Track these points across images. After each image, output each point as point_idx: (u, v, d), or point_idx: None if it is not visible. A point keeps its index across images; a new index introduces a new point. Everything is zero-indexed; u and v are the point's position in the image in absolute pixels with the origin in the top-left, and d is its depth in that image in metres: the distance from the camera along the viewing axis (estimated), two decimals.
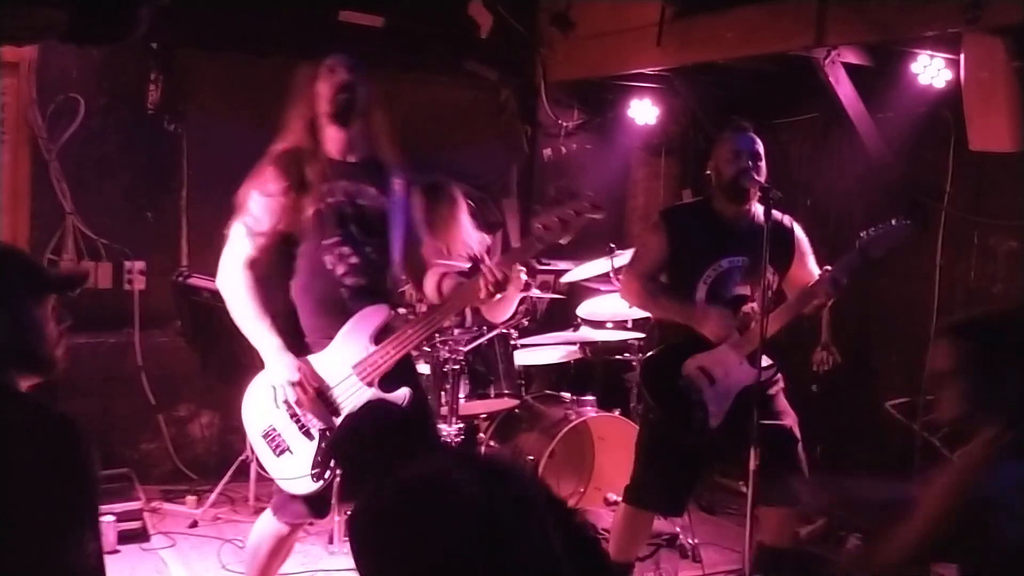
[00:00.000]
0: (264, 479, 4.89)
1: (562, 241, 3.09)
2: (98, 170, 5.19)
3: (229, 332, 4.67)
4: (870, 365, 5.24)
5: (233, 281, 3.12)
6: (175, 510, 4.97)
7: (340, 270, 3.14)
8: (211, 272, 4.95)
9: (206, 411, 5.54)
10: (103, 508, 4.38)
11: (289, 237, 3.13)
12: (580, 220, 3.05)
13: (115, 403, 5.23)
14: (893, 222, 3.65)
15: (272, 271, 3.18)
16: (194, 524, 4.82)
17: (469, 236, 4.96)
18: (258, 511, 4.87)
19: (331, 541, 4.55)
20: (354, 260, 3.14)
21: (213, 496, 4.97)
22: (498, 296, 3.09)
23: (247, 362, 4.67)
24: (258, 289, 3.12)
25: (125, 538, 4.47)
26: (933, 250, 4.85)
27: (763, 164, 3.66)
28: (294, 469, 3.10)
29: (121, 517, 4.46)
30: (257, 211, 3.10)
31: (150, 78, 5.22)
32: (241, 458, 5.00)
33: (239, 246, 3.13)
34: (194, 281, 4.92)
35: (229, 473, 4.99)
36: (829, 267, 3.67)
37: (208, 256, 5.38)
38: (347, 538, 4.54)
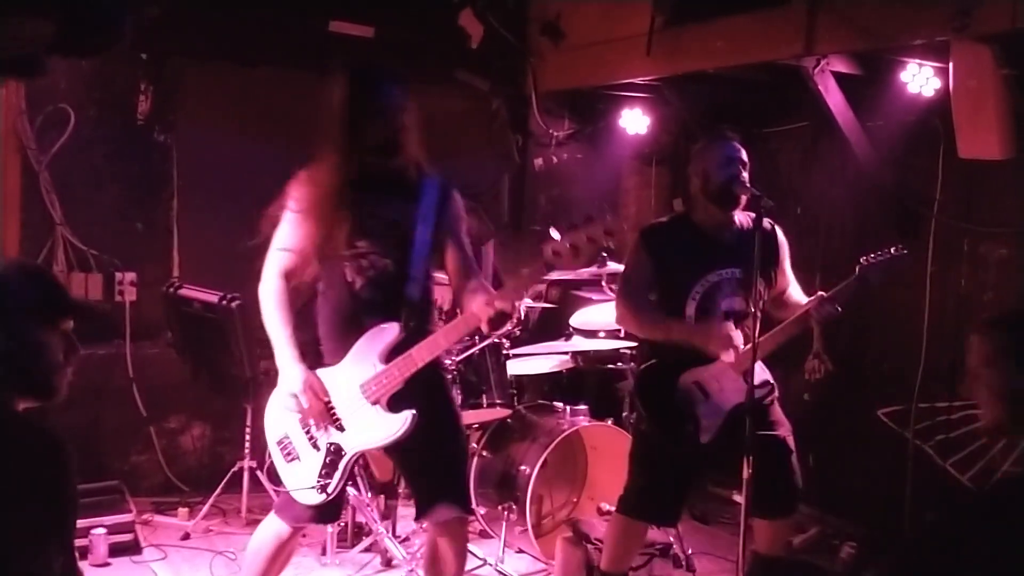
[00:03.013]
0: (257, 491, 4.89)
1: (573, 270, 3.02)
2: (88, 181, 5.18)
3: (220, 343, 4.70)
4: (862, 373, 5.24)
5: (266, 288, 3.19)
6: (166, 522, 4.95)
7: (358, 283, 3.14)
8: (202, 283, 5.00)
9: (197, 423, 5.52)
10: (94, 520, 4.37)
11: (315, 253, 3.18)
12: (593, 248, 2.86)
13: (106, 415, 5.21)
14: (892, 251, 3.61)
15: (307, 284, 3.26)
16: (186, 536, 4.80)
17: None
18: (250, 523, 4.87)
19: (324, 552, 4.53)
20: (372, 273, 3.13)
21: (205, 508, 4.95)
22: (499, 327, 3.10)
23: (237, 373, 4.69)
24: (287, 298, 3.18)
25: (116, 551, 4.44)
26: (924, 258, 4.85)
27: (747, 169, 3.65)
28: (301, 479, 3.14)
29: (112, 530, 4.44)
30: (287, 228, 3.18)
31: (140, 88, 5.22)
32: (233, 470, 4.98)
33: (275, 256, 3.20)
34: (185, 292, 4.90)
35: (221, 485, 4.97)
36: (823, 292, 3.63)
37: (199, 267, 5.42)
38: (339, 549, 4.54)
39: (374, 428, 3.10)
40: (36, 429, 1.98)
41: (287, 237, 3.18)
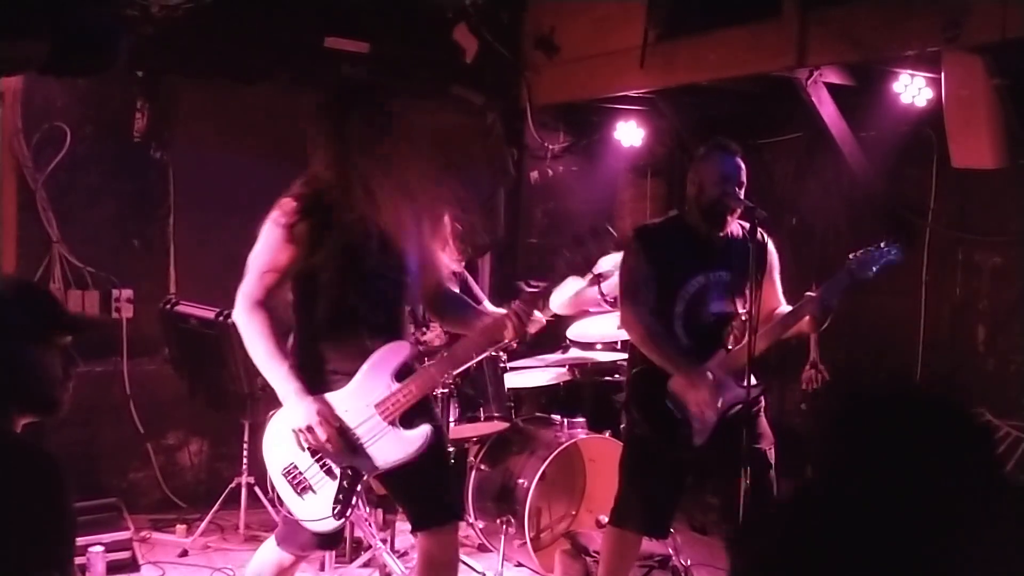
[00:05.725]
0: (255, 507, 4.88)
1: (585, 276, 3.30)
2: (85, 199, 5.19)
3: (217, 359, 4.70)
4: (859, 383, 5.24)
5: (249, 320, 3.01)
6: (164, 539, 4.94)
7: (358, 302, 3.06)
8: (199, 299, 5.01)
9: (195, 439, 5.52)
10: (92, 538, 4.34)
11: (305, 272, 3.05)
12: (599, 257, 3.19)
13: (103, 432, 5.20)
14: (883, 245, 3.61)
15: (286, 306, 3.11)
16: (184, 553, 4.79)
17: (452, 256, 4.96)
18: (248, 539, 4.86)
19: (322, 568, 4.52)
20: (373, 293, 3.08)
21: (203, 525, 4.93)
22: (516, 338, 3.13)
23: (235, 389, 4.69)
24: (274, 327, 3.01)
25: (114, 568, 4.42)
26: (918, 267, 4.88)
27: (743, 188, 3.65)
28: (317, 508, 3.04)
29: (110, 547, 4.41)
30: (272, 249, 3.02)
31: (136, 106, 5.23)
32: (231, 486, 4.97)
33: (254, 282, 3.02)
34: (182, 308, 4.91)
35: (219, 501, 4.96)
36: (813, 292, 3.63)
37: (196, 283, 5.43)
38: (338, 565, 4.53)
39: (393, 447, 3.05)
40: (30, 451, 1.95)
41: (273, 258, 3.01)
